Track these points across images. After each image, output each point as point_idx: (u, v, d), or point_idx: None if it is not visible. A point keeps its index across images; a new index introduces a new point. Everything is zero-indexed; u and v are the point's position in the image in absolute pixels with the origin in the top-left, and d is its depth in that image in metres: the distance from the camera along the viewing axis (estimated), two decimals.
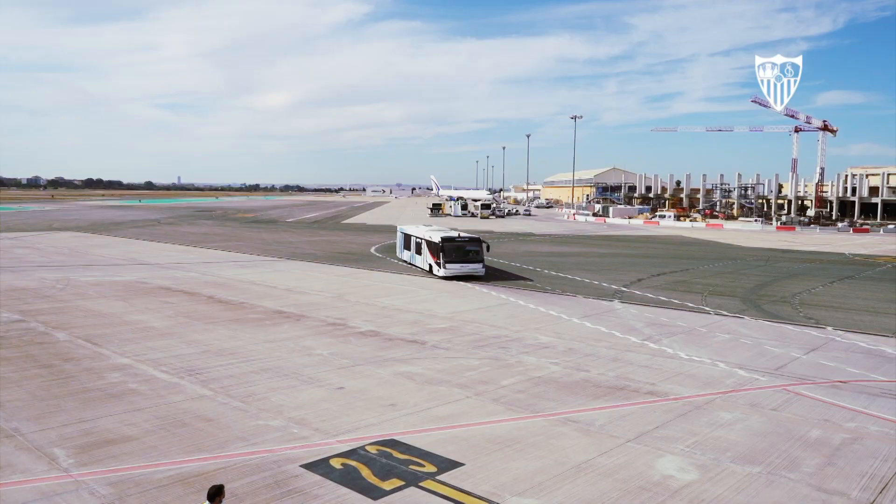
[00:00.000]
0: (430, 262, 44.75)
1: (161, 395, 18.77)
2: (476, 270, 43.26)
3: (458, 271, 42.71)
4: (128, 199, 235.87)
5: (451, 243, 43.53)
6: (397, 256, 54.15)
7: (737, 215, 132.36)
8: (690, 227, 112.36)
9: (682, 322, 30.51)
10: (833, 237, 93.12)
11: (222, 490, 9.77)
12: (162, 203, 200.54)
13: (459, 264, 42.79)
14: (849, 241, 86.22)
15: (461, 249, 43.60)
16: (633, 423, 17.15)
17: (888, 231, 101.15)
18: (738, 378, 21.50)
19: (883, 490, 13.54)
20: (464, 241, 44.38)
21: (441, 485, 13.39)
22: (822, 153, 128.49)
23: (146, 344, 24.58)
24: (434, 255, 43.82)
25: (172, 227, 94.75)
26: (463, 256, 43.24)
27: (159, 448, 14.98)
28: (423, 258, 46.55)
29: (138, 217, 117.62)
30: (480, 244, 44.42)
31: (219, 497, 9.68)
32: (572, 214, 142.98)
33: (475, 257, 43.59)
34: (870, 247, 75.80)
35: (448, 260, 42.64)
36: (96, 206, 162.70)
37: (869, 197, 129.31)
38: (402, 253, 52.73)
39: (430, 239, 45.04)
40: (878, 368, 22.97)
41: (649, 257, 61.18)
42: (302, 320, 29.45)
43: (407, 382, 20.40)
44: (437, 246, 43.28)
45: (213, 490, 9.70)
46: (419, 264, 47.44)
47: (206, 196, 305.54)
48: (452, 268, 42.62)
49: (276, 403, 18.17)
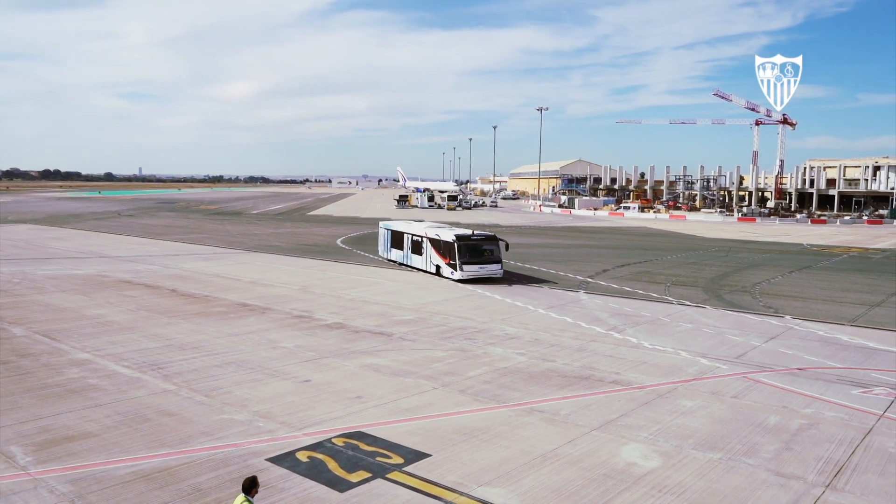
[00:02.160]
0: (437, 263, 40.48)
1: (122, 390, 18.44)
2: (495, 272, 39.14)
3: (477, 273, 38.56)
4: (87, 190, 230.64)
5: (466, 242, 39.17)
6: (381, 256, 49.04)
7: (699, 207, 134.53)
8: (654, 218, 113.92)
9: (646, 312, 30.95)
10: (792, 228, 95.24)
11: (257, 481, 9.82)
12: (122, 195, 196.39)
13: (477, 266, 38.66)
14: (807, 231, 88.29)
15: (478, 249, 39.47)
16: (598, 412, 17.37)
17: (844, 222, 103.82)
18: (700, 366, 21.91)
19: (838, 473, 13.94)
20: (480, 239, 40.10)
21: (408, 476, 13.41)
22: (781, 146, 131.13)
23: (106, 338, 24.11)
24: (445, 257, 39.56)
25: (133, 219, 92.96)
26: (480, 257, 39.15)
27: (121, 444, 14.72)
28: (424, 259, 42.08)
29: (98, 209, 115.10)
30: (497, 242, 40.40)
31: (255, 489, 9.72)
32: (538, 206, 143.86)
33: (492, 257, 39.57)
34: (826, 237, 77.72)
35: (465, 261, 38.37)
36: (54, 198, 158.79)
37: (826, 189, 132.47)
38: (388, 252, 47.39)
39: (437, 237, 40.63)
40: (834, 356, 23.60)
41: (614, 248, 61.88)
42: (267, 313, 29.17)
43: (373, 374, 20.36)
44: (450, 246, 39.02)
45: (247, 482, 9.74)
46: (418, 265, 42.94)
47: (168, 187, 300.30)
48: (470, 270, 38.38)
49: (241, 397, 17.99)
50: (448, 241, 39.41)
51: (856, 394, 19.26)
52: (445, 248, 39.70)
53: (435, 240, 40.92)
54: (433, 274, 40.95)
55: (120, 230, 72.67)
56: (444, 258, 39.75)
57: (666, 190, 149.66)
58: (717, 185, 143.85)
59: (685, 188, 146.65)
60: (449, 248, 39.27)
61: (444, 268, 39.88)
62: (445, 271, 39.73)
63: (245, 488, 9.67)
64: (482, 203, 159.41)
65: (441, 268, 40.17)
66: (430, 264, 41.30)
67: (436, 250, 40.71)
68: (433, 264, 41.03)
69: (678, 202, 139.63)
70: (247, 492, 9.64)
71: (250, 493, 9.65)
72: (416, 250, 43.31)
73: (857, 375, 21.18)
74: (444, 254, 39.77)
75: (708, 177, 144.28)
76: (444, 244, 39.82)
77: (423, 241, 42.15)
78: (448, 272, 39.40)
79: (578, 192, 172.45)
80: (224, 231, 74.54)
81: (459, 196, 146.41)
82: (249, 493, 9.65)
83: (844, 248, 65.28)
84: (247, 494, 9.61)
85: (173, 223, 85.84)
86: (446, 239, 39.72)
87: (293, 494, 12.56)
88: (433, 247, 41.03)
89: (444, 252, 39.77)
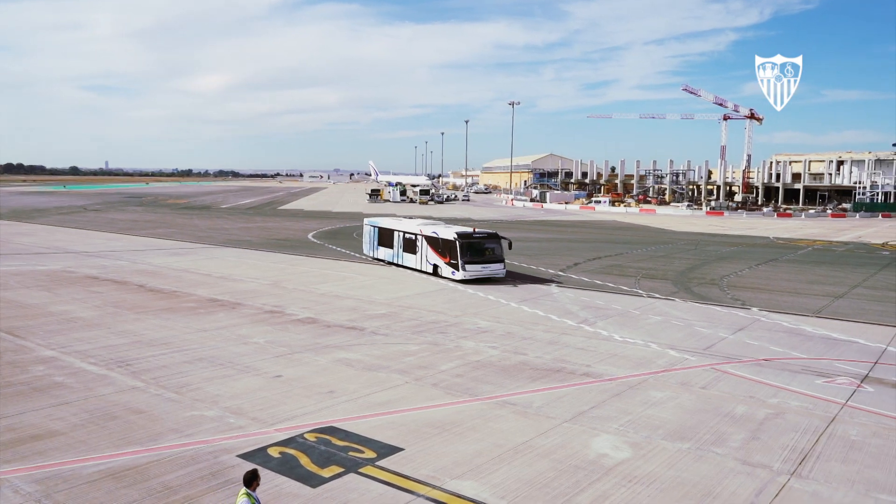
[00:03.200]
0: (435, 262, 38.64)
1: (89, 387, 18.13)
2: (497, 272, 37.41)
3: (479, 273, 36.77)
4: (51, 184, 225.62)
5: (469, 240, 37.30)
6: (366, 254, 46.74)
7: (669, 201, 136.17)
8: (625, 212, 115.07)
9: (617, 305, 31.27)
10: (759, 221, 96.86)
11: (257, 473, 9.77)
12: (88, 189, 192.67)
13: (480, 265, 36.85)
14: (773, 225, 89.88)
15: (480, 247, 37.70)
16: (570, 404, 17.52)
17: (809, 216, 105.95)
18: (669, 358, 22.21)
19: (803, 461, 14.25)
20: (482, 237, 38.21)
21: (381, 470, 13.40)
22: (748, 141, 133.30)
23: (73, 335, 23.68)
24: (445, 256, 37.75)
25: (99, 213, 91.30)
26: (482, 256, 37.38)
27: (88, 442, 14.49)
28: (419, 258, 40.17)
29: (63, 203, 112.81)
30: (500, 240, 38.42)
31: (255, 481, 9.65)
32: (510, 200, 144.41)
33: (495, 256, 37.71)
34: (792, 230, 79.20)
35: (467, 261, 36.58)
36: (17, 192, 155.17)
37: (792, 183, 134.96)
38: (374, 251, 45.25)
39: (435, 235, 38.74)
40: (799, 346, 24.10)
41: (585, 242, 62.38)
42: (237, 308, 28.89)
43: (346, 369, 20.29)
44: (451, 244, 37.14)
45: (248, 475, 9.69)
46: (412, 265, 41.00)
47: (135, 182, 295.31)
48: (473, 269, 36.60)
49: (212, 393, 17.80)
50: (449, 240, 37.52)
51: (820, 383, 19.69)
52: (445, 246, 37.83)
53: (432, 238, 39.02)
54: (430, 274, 39.12)
55: (86, 225, 71.34)
56: (444, 257, 37.93)
57: (636, 184, 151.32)
58: (687, 179, 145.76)
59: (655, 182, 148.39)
60: (449, 247, 37.42)
61: (443, 268, 38.09)
62: (445, 271, 37.90)
63: (246, 481, 9.64)
64: (454, 197, 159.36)
65: (439, 268, 38.38)
66: (427, 264, 39.45)
67: (433, 249, 38.86)
68: (430, 264, 39.18)
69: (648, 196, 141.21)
70: (247, 485, 9.59)
71: (251, 486, 9.60)
72: (409, 249, 41.32)
73: (820, 365, 21.66)
74: (444, 253, 37.94)
75: (677, 171, 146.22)
76: (444, 242, 37.93)
77: (418, 239, 40.23)
78: (448, 272, 37.58)
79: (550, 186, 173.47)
80: (193, 226, 73.59)
81: (432, 190, 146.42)
82: (250, 485, 9.59)
83: (809, 241, 66.59)
84: (247, 487, 9.57)
85: (141, 218, 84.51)
86: (446, 237, 37.85)
87: (264, 490, 12.46)
88: (430, 245, 39.16)
89: (444, 251, 37.94)
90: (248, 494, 9.51)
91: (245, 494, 9.51)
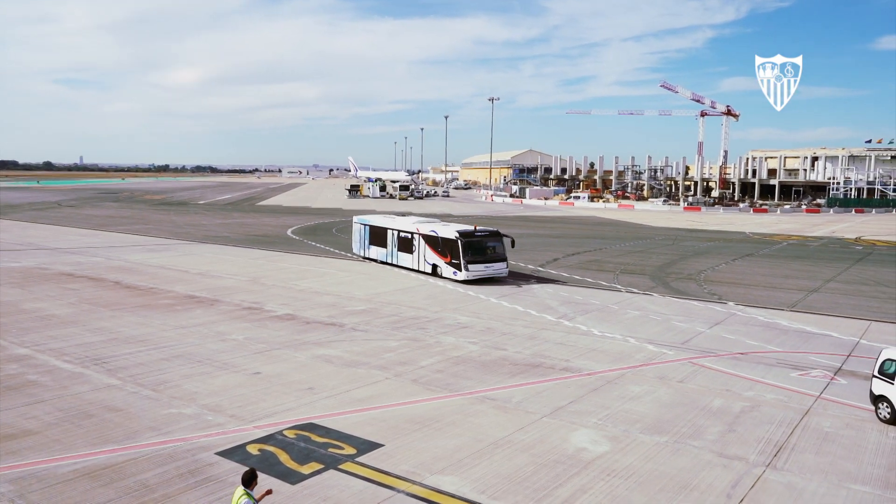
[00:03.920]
0: (434, 262, 37.09)
1: (64, 385, 17.90)
2: (501, 271, 36.17)
3: (483, 273, 35.44)
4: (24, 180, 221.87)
5: (470, 239, 35.85)
6: (356, 253, 44.99)
7: (647, 196, 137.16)
8: (603, 207, 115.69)
9: (595, 300, 31.47)
10: (735, 217, 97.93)
11: (255, 473, 9.74)
12: (63, 185, 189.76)
13: (483, 265, 35.52)
14: (749, 220, 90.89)
15: (482, 246, 36.34)
16: (549, 399, 17.62)
17: (784, 211, 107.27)
18: (647, 352, 22.40)
19: (777, 453, 14.47)
20: (484, 235, 36.86)
21: (361, 466, 13.39)
22: (725, 137, 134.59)
23: (47, 333, 23.34)
24: (446, 255, 36.19)
25: (74, 209, 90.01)
26: (485, 255, 36.03)
27: (63, 441, 14.31)
28: (416, 257, 38.64)
29: (36, 199, 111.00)
30: (501, 238, 37.13)
31: (254, 481, 9.61)
32: (490, 196, 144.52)
33: (497, 255, 36.35)
34: (768, 226, 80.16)
35: (470, 260, 35.14)
36: None
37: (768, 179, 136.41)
38: (365, 250, 43.65)
39: (434, 234, 37.16)
40: (774, 340, 24.43)
41: (564, 237, 62.66)
42: (215, 305, 28.65)
43: (325, 365, 20.22)
44: (452, 243, 35.63)
45: (246, 475, 9.64)
46: (407, 265, 39.46)
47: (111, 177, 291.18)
48: (476, 269, 35.22)
49: (190, 391, 17.65)
50: (450, 239, 35.96)
51: (794, 376, 19.98)
52: (446, 245, 36.29)
53: (431, 237, 37.46)
54: (428, 274, 37.54)
55: (60, 221, 70.28)
56: (444, 257, 36.38)
57: (615, 180, 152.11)
58: (665, 175, 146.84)
59: (633, 178, 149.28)
60: (451, 246, 35.87)
61: (443, 268, 36.54)
62: (445, 272, 36.36)
63: (244, 481, 9.58)
64: (434, 193, 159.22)
65: (439, 268, 36.83)
66: (425, 264, 37.88)
67: (432, 248, 37.26)
68: (428, 264, 37.60)
69: (627, 192, 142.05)
70: (246, 484, 9.54)
71: (250, 485, 9.54)
72: (404, 248, 39.76)
73: (795, 359, 21.98)
74: (444, 252, 36.37)
75: (655, 167, 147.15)
76: (445, 241, 36.38)
77: (415, 237, 38.64)
78: (449, 272, 36.07)
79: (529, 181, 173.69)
80: (170, 222, 72.80)
81: (411, 186, 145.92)
82: (249, 485, 9.53)
83: (784, 235, 67.46)
84: (246, 487, 9.51)
85: (117, 214, 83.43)
86: (447, 236, 36.31)
87: None
88: (429, 244, 37.56)
89: (444, 250, 36.38)
90: (248, 494, 9.47)
91: (246, 494, 9.46)
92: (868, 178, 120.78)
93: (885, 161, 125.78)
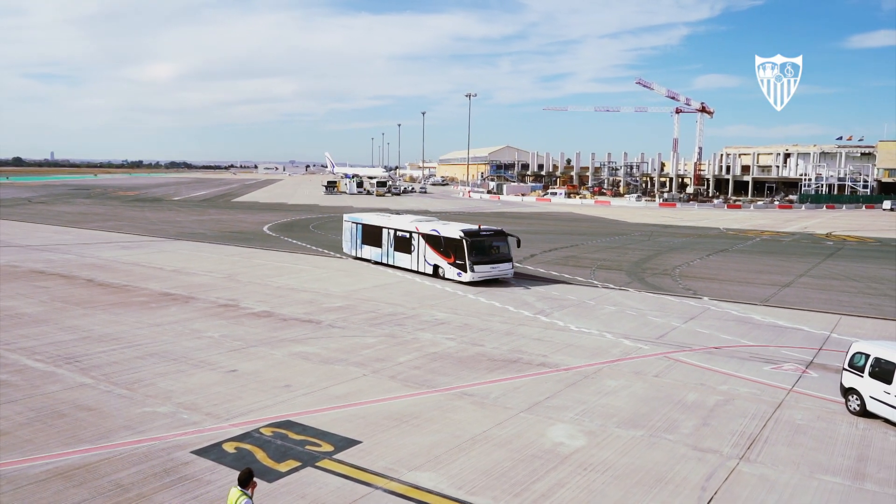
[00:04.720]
0: (436, 263, 35.71)
1: (35, 385, 17.60)
2: (506, 272, 34.98)
3: (488, 274, 34.20)
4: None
5: (475, 239, 34.52)
6: (347, 253, 43.41)
7: (623, 192, 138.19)
8: (580, 203, 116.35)
9: (572, 295, 31.66)
10: (710, 213, 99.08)
11: (252, 473, 9.62)
12: (33, 181, 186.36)
13: (489, 265, 34.27)
14: (723, 216, 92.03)
15: (488, 246, 35.09)
16: (526, 394, 17.70)
17: (758, 207, 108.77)
18: (623, 347, 22.60)
19: (751, 446, 14.69)
20: (489, 234, 35.50)
21: (338, 463, 13.35)
22: (700, 133, 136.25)
23: (17, 332, 22.94)
24: (449, 256, 34.82)
25: (45, 206, 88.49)
26: (490, 255, 34.80)
27: (35, 441, 14.08)
28: (415, 258, 37.19)
29: (5, 196, 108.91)
30: (506, 238, 35.88)
31: (251, 481, 9.50)
32: (467, 192, 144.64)
33: (502, 255, 35.20)
34: (741, 221, 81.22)
35: (476, 261, 33.86)
36: None
37: (741, 175, 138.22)
38: (358, 249, 42.06)
39: (436, 233, 35.78)
40: (748, 334, 24.77)
41: (541, 233, 62.92)
42: (191, 302, 28.36)
43: (302, 363, 20.12)
44: (457, 243, 34.31)
45: (243, 474, 9.54)
46: (405, 265, 37.96)
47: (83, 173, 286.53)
48: (482, 270, 33.93)
49: (164, 389, 17.47)
50: (454, 238, 34.59)
51: (767, 370, 20.29)
52: (449, 245, 34.94)
53: (432, 236, 36.02)
54: (429, 275, 36.14)
55: (31, 218, 69.05)
56: (448, 257, 34.98)
57: (591, 176, 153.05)
58: (640, 171, 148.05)
59: (610, 174, 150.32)
60: (454, 246, 34.58)
61: (446, 269, 35.14)
62: (449, 273, 34.95)
63: (241, 481, 9.49)
64: (412, 189, 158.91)
65: (442, 269, 35.43)
66: (426, 264, 36.49)
67: (433, 248, 35.87)
68: (429, 264, 36.21)
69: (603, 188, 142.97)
70: (243, 484, 9.44)
71: (246, 485, 9.44)
72: (402, 248, 38.22)
73: (768, 353, 22.31)
74: (447, 252, 35.00)
75: (631, 163, 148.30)
76: (448, 241, 34.99)
77: (415, 237, 37.19)
78: (453, 274, 34.70)
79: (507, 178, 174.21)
80: (144, 218, 71.88)
81: (388, 182, 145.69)
82: (246, 485, 9.43)
83: (758, 231, 68.40)
84: (243, 487, 9.41)
85: (89, 210, 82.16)
86: (450, 235, 34.93)
87: (220, 487, 12.31)
88: (430, 244, 36.14)
89: (447, 250, 35.01)
90: (244, 494, 9.38)
91: (244, 495, 9.37)
92: (839, 175, 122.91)
93: (856, 158, 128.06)
